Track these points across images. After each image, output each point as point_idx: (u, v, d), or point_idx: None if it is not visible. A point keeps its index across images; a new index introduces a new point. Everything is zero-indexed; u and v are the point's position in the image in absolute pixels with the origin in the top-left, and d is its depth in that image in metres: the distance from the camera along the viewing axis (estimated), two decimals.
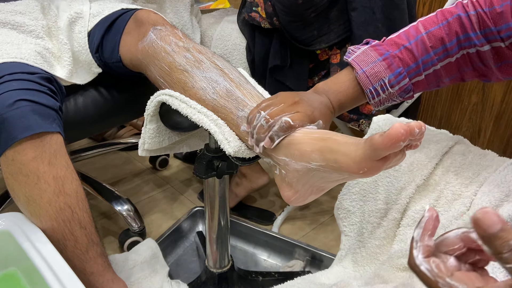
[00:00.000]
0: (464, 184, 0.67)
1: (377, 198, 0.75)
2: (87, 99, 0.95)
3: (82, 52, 0.88)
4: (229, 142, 0.62)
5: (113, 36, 0.85)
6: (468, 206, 0.64)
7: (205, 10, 1.44)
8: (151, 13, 0.84)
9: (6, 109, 0.67)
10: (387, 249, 0.74)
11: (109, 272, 0.79)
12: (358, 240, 0.78)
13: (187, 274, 1.11)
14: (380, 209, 0.74)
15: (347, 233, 0.81)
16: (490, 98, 1.30)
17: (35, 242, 0.67)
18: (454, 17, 0.63)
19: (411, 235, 0.45)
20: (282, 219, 1.31)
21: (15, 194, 0.71)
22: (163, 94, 0.69)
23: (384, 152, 0.45)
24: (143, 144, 0.75)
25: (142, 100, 0.75)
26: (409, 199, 0.71)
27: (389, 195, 0.73)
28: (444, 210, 0.66)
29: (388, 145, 0.44)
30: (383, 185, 0.74)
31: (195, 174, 0.79)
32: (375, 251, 0.75)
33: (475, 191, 0.65)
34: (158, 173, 1.60)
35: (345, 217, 0.80)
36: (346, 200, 0.80)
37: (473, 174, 0.67)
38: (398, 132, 0.43)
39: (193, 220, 1.26)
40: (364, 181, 0.77)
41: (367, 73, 0.63)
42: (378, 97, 0.65)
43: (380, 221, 0.75)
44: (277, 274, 1.07)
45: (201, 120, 0.64)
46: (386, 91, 0.64)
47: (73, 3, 0.92)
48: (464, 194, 0.66)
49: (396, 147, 0.44)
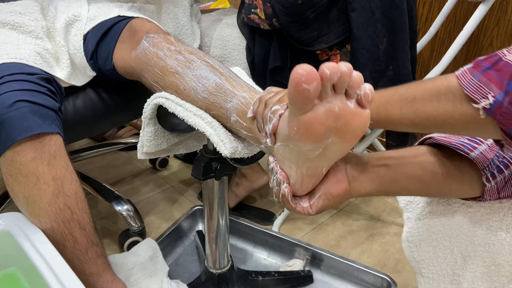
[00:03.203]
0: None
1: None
2: (86, 100, 0.95)
3: (77, 55, 0.88)
4: (224, 144, 0.62)
5: (107, 44, 0.85)
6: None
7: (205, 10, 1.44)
8: (145, 21, 0.84)
9: (5, 110, 0.67)
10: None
11: (108, 273, 0.79)
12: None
13: (187, 274, 1.11)
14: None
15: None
16: None
17: (35, 242, 0.67)
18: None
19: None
20: (282, 219, 1.31)
21: (15, 195, 0.71)
22: (160, 97, 0.69)
23: (298, 102, 0.40)
24: (142, 147, 0.75)
25: (141, 100, 0.75)
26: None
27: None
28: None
29: (293, 91, 0.39)
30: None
31: (193, 176, 0.79)
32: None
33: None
34: (158, 173, 1.60)
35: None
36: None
37: None
38: (296, 73, 0.38)
39: (193, 219, 1.26)
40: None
41: (441, 135, 0.54)
42: (477, 150, 0.52)
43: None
44: (277, 273, 1.08)
45: (197, 123, 0.64)
46: (483, 144, 0.52)
47: (71, 4, 0.92)
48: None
49: (304, 92, 0.38)
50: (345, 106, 0.41)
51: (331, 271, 1.10)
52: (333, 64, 0.39)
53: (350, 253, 1.21)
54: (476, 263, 0.60)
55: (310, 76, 0.38)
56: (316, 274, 1.10)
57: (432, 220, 0.61)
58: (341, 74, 0.39)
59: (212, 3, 1.68)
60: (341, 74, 0.39)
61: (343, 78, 0.40)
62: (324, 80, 0.39)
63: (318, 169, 0.50)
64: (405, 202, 0.64)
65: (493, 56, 0.44)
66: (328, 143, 0.44)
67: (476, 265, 0.60)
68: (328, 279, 1.10)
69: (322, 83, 0.39)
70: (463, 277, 0.61)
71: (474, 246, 0.60)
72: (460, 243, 0.61)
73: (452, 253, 0.62)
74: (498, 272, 0.58)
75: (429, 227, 0.62)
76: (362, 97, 0.42)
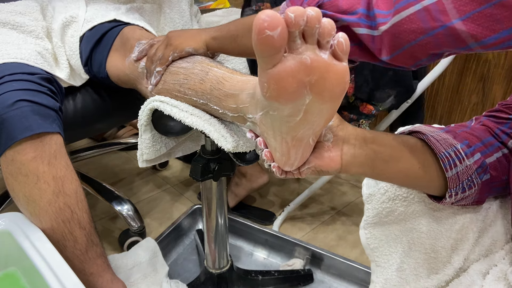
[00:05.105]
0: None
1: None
2: (86, 100, 0.95)
3: (73, 57, 0.88)
4: (225, 138, 0.61)
5: (100, 52, 0.85)
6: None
7: (205, 10, 1.44)
8: (136, 29, 0.85)
9: (6, 109, 0.67)
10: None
11: (108, 273, 0.79)
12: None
13: (186, 274, 1.11)
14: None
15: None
16: (490, 98, 1.30)
17: (35, 242, 0.67)
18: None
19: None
20: (282, 219, 1.31)
21: (15, 194, 0.71)
22: (154, 101, 0.69)
23: (264, 53, 0.37)
24: (142, 155, 0.75)
25: (141, 100, 0.75)
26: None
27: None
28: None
29: (256, 40, 0.36)
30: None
31: (191, 176, 0.79)
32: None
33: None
34: (158, 173, 1.60)
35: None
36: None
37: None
38: (258, 19, 0.35)
39: (193, 218, 1.26)
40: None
41: (436, 137, 0.55)
42: (456, 169, 0.55)
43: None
44: (277, 272, 1.08)
45: (194, 122, 0.64)
46: (463, 162, 0.55)
47: (69, 5, 0.92)
48: None
49: (268, 39, 0.35)
50: (317, 57, 0.38)
51: (331, 271, 1.10)
52: (299, 7, 0.36)
53: (350, 253, 1.21)
54: (419, 250, 0.63)
55: (274, 22, 0.35)
56: (316, 273, 1.10)
57: (387, 210, 0.64)
58: (307, 19, 0.36)
59: (212, 3, 1.69)
60: (307, 18, 0.36)
61: (310, 23, 0.36)
62: (289, 25, 0.36)
63: (303, 139, 0.47)
64: (367, 194, 0.67)
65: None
66: (306, 104, 0.41)
67: (419, 252, 0.64)
68: (328, 279, 1.10)
69: (289, 30, 0.36)
70: (407, 264, 0.65)
71: (418, 233, 0.63)
72: (408, 232, 0.64)
73: (401, 242, 0.65)
74: (435, 258, 0.63)
75: (383, 217, 0.65)
76: (336, 47, 0.39)
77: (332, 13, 0.55)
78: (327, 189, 1.48)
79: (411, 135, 0.58)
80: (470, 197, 0.58)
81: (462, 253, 0.62)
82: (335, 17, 0.55)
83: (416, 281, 0.64)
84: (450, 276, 0.63)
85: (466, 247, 0.61)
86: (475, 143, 0.57)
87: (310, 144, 0.49)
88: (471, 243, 0.61)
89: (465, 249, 0.62)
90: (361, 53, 0.56)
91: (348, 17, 0.54)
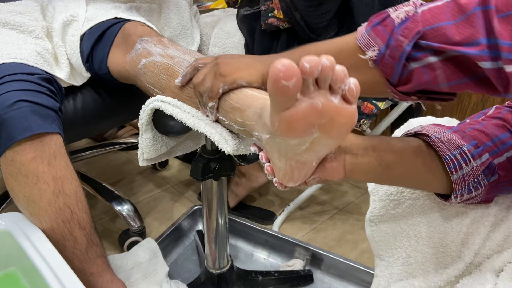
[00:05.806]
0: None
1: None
2: (86, 100, 0.95)
3: (74, 56, 0.88)
4: (226, 141, 0.61)
5: (102, 48, 0.85)
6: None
7: (205, 10, 1.44)
8: (138, 25, 0.85)
9: (6, 109, 0.67)
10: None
11: (108, 273, 0.79)
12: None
13: (186, 274, 1.11)
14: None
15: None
16: (490, 98, 1.30)
17: (35, 242, 0.67)
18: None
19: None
20: (282, 219, 1.31)
21: (15, 195, 0.71)
22: (156, 101, 0.69)
23: (278, 99, 0.39)
24: (142, 154, 0.75)
25: (141, 100, 0.75)
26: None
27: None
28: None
29: (272, 88, 0.37)
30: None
31: (192, 176, 0.79)
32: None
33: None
34: (158, 173, 1.60)
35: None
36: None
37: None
38: (274, 69, 0.36)
39: (193, 218, 1.26)
40: None
41: (441, 139, 0.54)
42: (461, 171, 0.54)
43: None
44: (277, 273, 1.08)
45: (196, 124, 0.64)
46: (469, 164, 0.53)
47: (70, 4, 0.92)
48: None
49: (283, 88, 0.37)
50: (328, 102, 0.40)
51: (331, 271, 1.10)
52: (314, 57, 0.37)
53: (350, 253, 1.21)
54: (427, 244, 0.63)
55: (289, 72, 0.36)
56: (316, 274, 1.10)
57: (393, 202, 0.64)
58: (322, 68, 0.37)
59: (212, 3, 1.68)
60: (322, 67, 0.37)
61: (324, 72, 0.38)
62: (304, 74, 0.37)
63: (307, 163, 0.49)
64: (373, 186, 0.67)
65: (383, 13, 0.50)
66: (314, 138, 0.43)
67: (427, 246, 0.63)
68: (328, 279, 1.10)
69: (303, 78, 0.37)
70: (414, 258, 0.64)
71: (427, 227, 0.62)
72: (415, 225, 0.64)
73: (408, 236, 0.64)
74: (444, 252, 0.62)
75: (390, 209, 0.65)
76: (347, 92, 0.40)
77: (440, 45, 0.47)
78: (327, 189, 1.47)
79: (416, 137, 0.58)
80: (477, 197, 0.57)
81: (473, 247, 0.60)
82: (444, 49, 0.46)
83: (424, 275, 0.64)
84: (460, 271, 0.61)
85: (477, 242, 0.60)
86: (484, 142, 0.56)
87: (313, 166, 0.51)
88: (483, 237, 0.60)
89: (476, 244, 0.60)
90: (476, 86, 0.48)
91: (467, 50, 0.45)
